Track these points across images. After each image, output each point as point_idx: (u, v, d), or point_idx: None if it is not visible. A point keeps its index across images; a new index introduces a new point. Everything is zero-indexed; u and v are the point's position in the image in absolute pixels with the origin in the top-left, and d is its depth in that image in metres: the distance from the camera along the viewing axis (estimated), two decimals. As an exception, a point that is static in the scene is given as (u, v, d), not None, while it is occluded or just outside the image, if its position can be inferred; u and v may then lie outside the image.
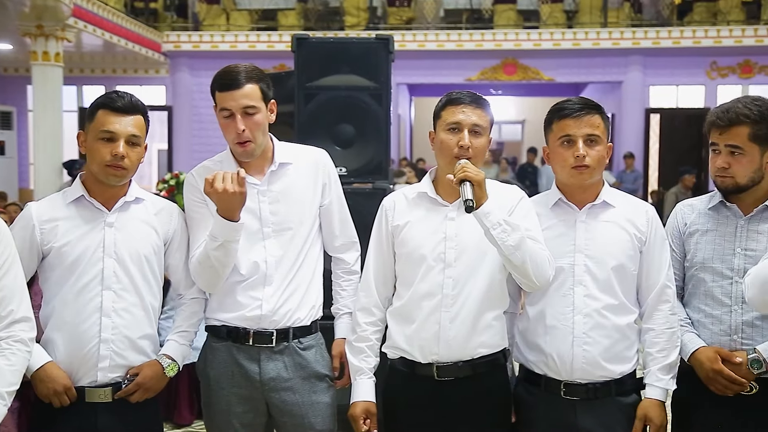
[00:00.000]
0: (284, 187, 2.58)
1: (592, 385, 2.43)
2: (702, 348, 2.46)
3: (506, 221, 2.31)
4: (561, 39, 13.42)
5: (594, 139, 2.45)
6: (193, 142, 13.88)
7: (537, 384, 2.50)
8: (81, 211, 2.46)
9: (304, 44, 3.56)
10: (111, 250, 2.44)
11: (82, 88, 14.47)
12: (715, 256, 2.50)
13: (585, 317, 2.43)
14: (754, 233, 2.46)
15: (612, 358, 2.44)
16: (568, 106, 2.48)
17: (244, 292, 2.54)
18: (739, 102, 2.44)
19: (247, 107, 2.47)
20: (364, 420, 2.50)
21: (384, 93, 3.52)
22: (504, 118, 20.41)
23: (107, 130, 2.40)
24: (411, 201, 2.55)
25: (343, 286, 2.72)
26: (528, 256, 2.33)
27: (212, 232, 2.43)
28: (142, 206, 2.53)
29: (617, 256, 2.46)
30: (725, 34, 13.10)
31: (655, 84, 13.89)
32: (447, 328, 2.43)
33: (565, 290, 2.46)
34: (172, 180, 7.52)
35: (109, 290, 2.43)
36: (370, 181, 3.54)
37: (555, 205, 2.53)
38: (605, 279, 2.45)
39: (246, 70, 2.50)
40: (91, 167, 2.46)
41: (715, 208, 2.55)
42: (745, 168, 2.43)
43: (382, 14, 14.31)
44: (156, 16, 14.18)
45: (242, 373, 2.56)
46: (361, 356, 2.55)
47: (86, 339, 2.41)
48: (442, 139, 2.47)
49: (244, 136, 2.48)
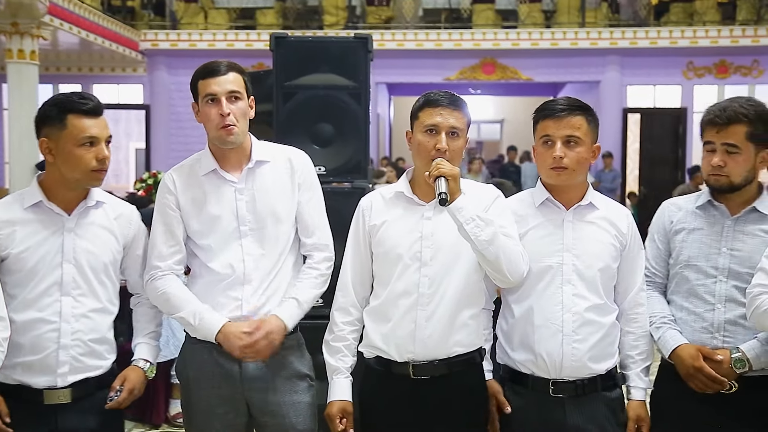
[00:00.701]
0: (261, 185, 2.58)
1: (580, 382, 2.46)
2: (683, 345, 2.48)
3: (480, 216, 2.33)
4: (539, 39, 13.47)
5: (574, 140, 2.46)
6: (171, 141, 13.77)
7: (524, 384, 2.50)
8: (39, 216, 2.44)
9: (283, 43, 3.55)
10: (70, 255, 2.43)
11: (59, 86, 14.29)
12: (700, 254, 2.52)
13: (574, 315, 2.45)
14: (740, 234, 2.49)
15: (598, 355, 2.47)
16: (550, 106, 2.50)
17: (223, 292, 2.54)
18: (734, 102, 2.47)
19: (232, 92, 2.49)
20: (340, 419, 2.51)
21: (363, 92, 3.52)
22: (483, 117, 20.45)
23: (89, 135, 2.39)
24: (388, 201, 2.56)
25: (300, 278, 2.63)
26: (501, 251, 2.34)
27: (194, 326, 2.49)
28: (102, 210, 2.52)
29: (603, 257, 2.49)
30: (701, 34, 13.21)
31: (633, 84, 13.98)
32: (423, 327, 2.44)
33: (554, 289, 2.47)
34: (150, 179, 7.45)
35: (68, 296, 2.42)
36: (349, 180, 3.53)
37: (542, 205, 2.55)
38: (592, 279, 2.48)
39: (228, 63, 2.54)
40: (69, 174, 2.42)
41: (702, 207, 2.57)
42: (740, 167, 2.46)
43: (361, 13, 14.29)
44: (133, 15, 14.06)
45: (222, 373, 2.55)
46: (338, 356, 2.55)
47: (45, 345, 2.39)
48: (420, 141, 2.47)
49: (228, 120, 2.48)
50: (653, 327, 2.58)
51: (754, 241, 2.47)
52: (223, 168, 2.57)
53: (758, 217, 2.49)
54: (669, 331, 2.54)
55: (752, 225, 2.49)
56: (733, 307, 2.46)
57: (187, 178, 2.59)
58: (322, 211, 2.69)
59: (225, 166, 2.57)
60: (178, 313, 2.52)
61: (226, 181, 2.56)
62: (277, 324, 2.50)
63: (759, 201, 2.51)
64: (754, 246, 2.46)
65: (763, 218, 2.49)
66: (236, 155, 2.58)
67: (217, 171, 2.57)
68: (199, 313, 2.50)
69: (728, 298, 2.46)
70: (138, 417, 4.88)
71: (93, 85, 13.95)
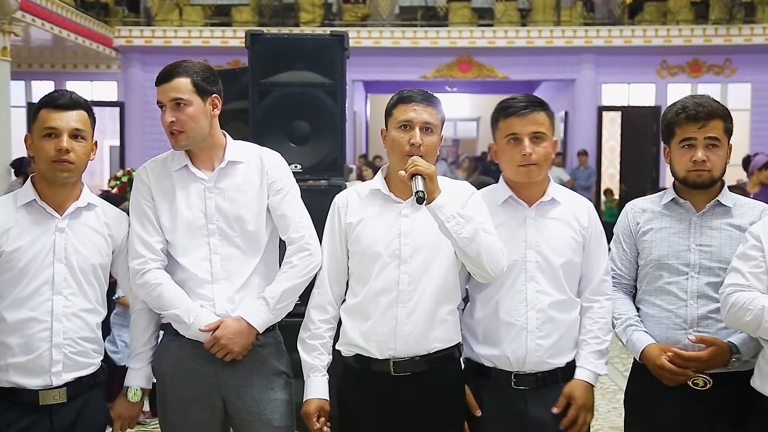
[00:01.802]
0: (231, 185, 2.57)
1: (541, 374, 2.49)
2: (649, 346, 2.52)
3: (460, 214, 2.34)
4: (515, 37, 13.53)
5: (540, 136, 2.49)
6: (146, 138, 13.66)
7: (486, 376, 2.53)
8: (32, 215, 2.44)
9: (259, 40, 3.53)
10: (61, 255, 2.43)
11: (31, 83, 14.16)
12: (670, 253, 2.54)
13: (538, 312, 2.48)
14: (707, 229, 2.52)
15: (560, 350, 2.51)
16: (513, 104, 2.51)
17: (193, 291, 2.53)
18: (703, 98, 2.52)
19: (175, 99, 2.48)
20: (317, 418, 2.50)
21: (339, 90, 3.51)
22: (459, 115, 20.52)
23: (49, 126, 2.40)
24: (364, 198, 2.56)
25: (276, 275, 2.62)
26: (483, 247, 2.35)
27: (188, 324, 2.49)
28: (93, 213, 2.53)
29: (565, 252, 2.53)
30: (675, 33, 13.35)
31: (608, 82, 14.09)
32: (404, 324, 2.45)
33: (518, 286, 2.50)
34: (125, 177, 7.40)
35: (59, 295, 2.41)
36: (326, 178, 3.53)
37: (505, 203, 2.57)
38: (555, 275, 2.51)
39: (181, 65, 2.52)
40: (38, 167, 2.45)
41: (667, 205, 2.60)
42: (721, 161, 2.51)
43: (337, 11, 14.27)
44: (107, 11, 13.93)
45: (198, 370, 2.53)
46: (315, 353, 2.55)
47: (38, 344, 2.39)
48: (394, 137, 2.49)
49: (173, 127, 2.49)
50: (619, 330, 2.62)
51: (722, 235, 2.51)
52: (195, 165, 2.57)
53: (723, 211, 2.54)
54: (635, 334, 2.57)
55: (718, 219, 2.53)
56: (705, 303, 2.49)
57: (160, 171, 2.60)
58: (296, 208, 2.64)
59: (197, 163, 2.57)
60: (172, 311, 2.50)
61: (197, 178, 2.56)
62: (236, 325, 2.49)
63: (722, 195, 2.55)
64: (722, 240, 2.50)
65: (728, 211, 2.53)
66: (209, 155, 2.58)
67: (188, 167, 2.57)
68: (194, 311, 2.49)
69: (700, 293, 2.50)
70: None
71: (66, 82, 13.78)
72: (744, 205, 2.56)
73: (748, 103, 13.80)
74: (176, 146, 2.54)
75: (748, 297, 2.29)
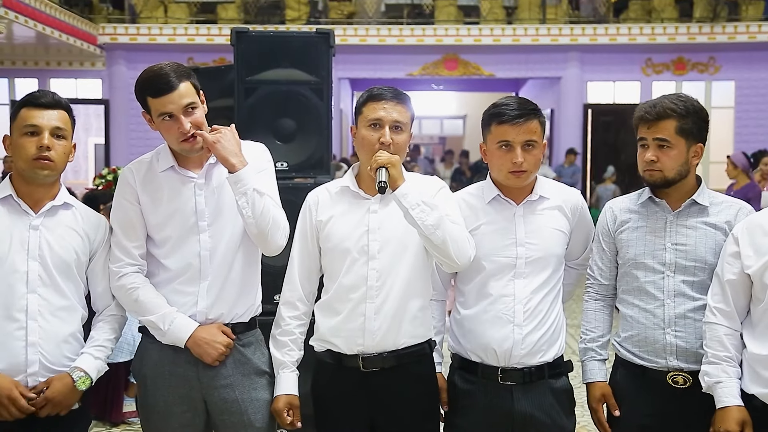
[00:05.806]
0: (221, 181, 2.55)
1: (528, 370, 2.51)
2: (596, 384, 2.63)
3: (425, 201, 2.36)
4: (501, 35, 13.55)
5: (532, 144, 2.51)
6: (131, 136, 13.58)
7: (473, 371, 2.55)
8: (8, 210, 2.42)
9: (244, 38, 3.53)
10: (35, 252, 2.40)
11: (14, 81, 14.03)
12: (646, 252, 2.56)
13: (525, 307, 2.50)
14: (683, 228, 2.54)
15: (546, 343, 2.53)
16: (507, 111, 2.51)
17: (178, 289, 2.51)
18: (665, 98, 2.54)
19: (187, 106, 2.45)
20: (287, 413, 2.52)
21: (325, 87, 3.52)
22: (445, 113, 20.54)
23: (30, 124, 2.39)
24: (334, 195, 2.57)
25: None
26: (448, 235, 2.37)
27: (163, 331, 2.46)
28: (70, 213, 2.50)
29: (553, 248, 2.56)
30: (659, 31, 13.41)
31: (593, 80, 14.14)
32: (372, 320, 2.46)
33: (506, 281, 2.52)
34: (110, 175, 7.35)
35: (34, 293, 2.38)
36: (312, 176, 3.53)
37: (493, 200, 2.58)
38: (544, 269, 2.54)
39: (174, 71, 2.46)
40: (18, 165, 2.42)
41: (644, 204, 2.62)
42: (673, 161, 2.51)
43: (323, 8, 14.25)
44: (91, 8, 13.83)
45: (179, 372, 2.52)
46: (285, 350, 2.56)
47: (12, 343, 2.35)
48: (364, 135, 2.50)
49: (192, 132, 2.45)
50: (582, 346, 2.69)
51: (697, 233, 2.52)
52: (182, 164, 2.55)
53: (698, 210, 2.55)
54: (591, 363, 2.67)
55: (693, 218, 2.54)
56: (682, 302, 2.50)
57: (146, 173, 2.56)
58: (270, 189, 2.56)
59: (184, 162, 2.55)
60: (148, 317, 2.48)
61: (186, 177, 2.54)
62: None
63: (697, 194, 2.56)
64: (697, 239, 2.52)
65: (703, 210, 2.55)
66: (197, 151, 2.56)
67: (174, 168, 2.55)
68: (170, 317, 2.46)
69: (677, 292, 2.51)
70: (98, 415, 4.82)
71: (50, 79, 13.70)
72: (721, 203, 2.57)
73: (732, 101, 13.89)
74: (192, 151, 2.49)
75: (710, 335, 2.41)
